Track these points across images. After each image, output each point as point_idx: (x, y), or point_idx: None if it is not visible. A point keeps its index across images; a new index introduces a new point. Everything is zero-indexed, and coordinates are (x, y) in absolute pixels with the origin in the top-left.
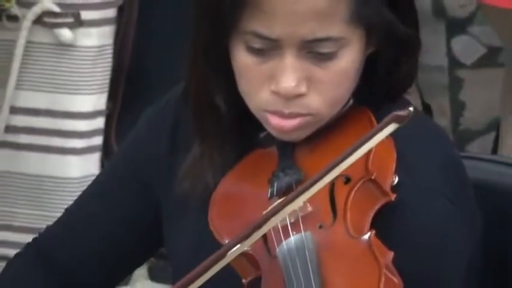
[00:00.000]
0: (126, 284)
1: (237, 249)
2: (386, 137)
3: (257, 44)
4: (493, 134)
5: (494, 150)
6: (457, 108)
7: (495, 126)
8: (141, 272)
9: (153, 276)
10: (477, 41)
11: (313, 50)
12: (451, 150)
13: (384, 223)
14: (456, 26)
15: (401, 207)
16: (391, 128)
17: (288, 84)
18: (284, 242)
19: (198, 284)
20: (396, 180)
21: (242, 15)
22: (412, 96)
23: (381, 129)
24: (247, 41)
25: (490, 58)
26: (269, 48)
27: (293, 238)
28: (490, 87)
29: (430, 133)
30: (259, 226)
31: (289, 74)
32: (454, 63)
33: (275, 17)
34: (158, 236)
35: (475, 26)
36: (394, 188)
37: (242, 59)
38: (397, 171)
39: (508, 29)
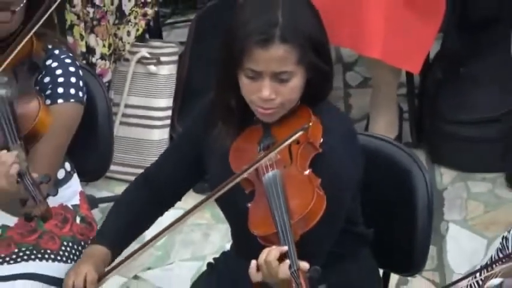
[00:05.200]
0: None
1: (242, 175)
2: (316, 120)
3: (250, 73)
4: (365, 121)
5: (366, 129)
6: (348, 108)
7: (367, 116)
8: None
9: (195, 189)
10: (359, 74)
11: (278, 77)
12: (350, 125)
13: (316, 164)
14: (347, 66)
15: (324, 155)
16: (302, 130)
17: (266, 94)
18: (266, 174)
19: (223, 191)
20: (321, 140)
21: (243, 60)
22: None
23: (301, 130)
24: (246, 72)
25: (365, 83)
26: (256, 76)
27: (271, 172)
28: (366, 96)
29: (340, 117)
30: (253, 165)
31: (266, 89)
32: (347, 86)
33: (259, 62)
34: (203, 169)
35: (357, 66)
36: (320, 145)
37: (243, 81)
38: (322, 136)
39: (372, 69)
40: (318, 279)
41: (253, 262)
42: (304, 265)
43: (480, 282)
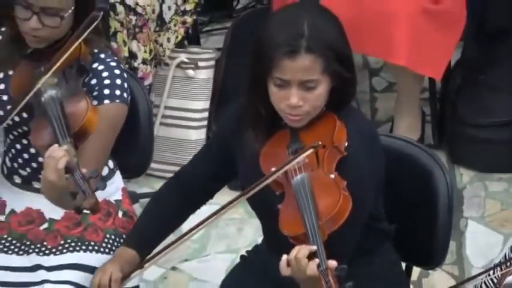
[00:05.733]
0: None
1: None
2: (341, 125)
3: (279, 82)
4: (390, 123)
5: (391, 131)
6: (373, 111)
7: (392, 119)
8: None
9: (230, 186)
10: (384, 80)
11: (305, 85)
12: (372, 129)
13: (341, 166)
14: (373, 72)
15: (348, 158)
16: (311, 149)
17: (294, 102)
18: (295, 177)
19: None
20: (346, 144)
21: (272, 70)
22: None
23: (312, 147)
24: (274, 81)
25: (390, 88)
26: (284, 84)
27: (299, 175)
28: (390, 100)
29: (363, 121)
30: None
31: (294, 97)
32: (373, 90)
33: (287, 72)
34: (233, 169)
35: (383, 72)
36: (345, 149)
37: (272, 89)
38: (347, 140)
39: (397, 75)
40: (345, 277)
41: (284, 257)
42: (333, 264)
43: (495, 280)
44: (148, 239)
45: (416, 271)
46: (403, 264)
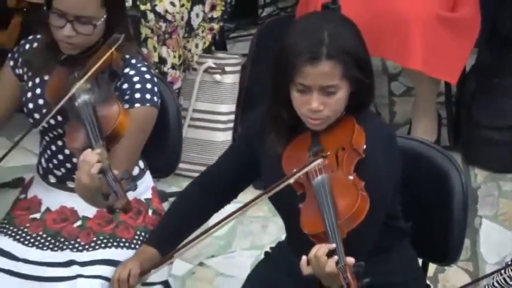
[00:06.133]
0: None
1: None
2: (359, 128)
3: (301, 88)
4: (407, 126)
5: (408, 133)
6: (392, 115)
7: (409, 121)
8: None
9: (255, 186)
10: (402, 84)
11: (326, 90)
12: (390, 132)
13: (360, 168)
14: (392, 76)
15: (367, 160)
16: (318, 160)
17: (315, 106)
18: (315, 178)
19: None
20: (364, 147)
21: (294, 76)
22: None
23: (321, 157)
24: (297, 86)
25: (408, 92)
26: (306, 90)
27: (320, 176)
28: (408, 104)
29: (381, 124)
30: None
31: (315, 102)
32: (391, 94)
33: (308, 77)
34: (257, 171)
35: (401, 76)
36: (364, 151)
37: (295, 94)
38: (365, 143)
39: (414, 80)
40: (362, 273)
41: (304, 258)
42: (351, 261)
43: (508, 280)
44: (168, 238)
45: (432, 267)
46: (420, 261)
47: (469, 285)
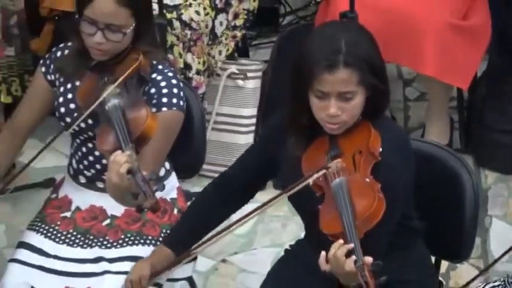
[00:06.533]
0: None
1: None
2: (375, 132)
3: (319, 94)
4: (421, 129)
5: (422, 136)
6: (406, 119)
7: (423, 125)
8: (269, 183)
9: (275, 186)
10: (416, 90)
11: (343, 96)
12: (404, 136)
13: (376, 171)
14: (407, 82)
15: (382, 163)
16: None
17: (333, 111)
18: (334, 180)
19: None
20: (380, 150)
21: (313, 83)
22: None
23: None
24: (315, 92)
25: (422, 97)
26: (324, 96)
27: (338, 179)
28: (422, 109)
29: (395, 128)
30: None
31: (333, 107)
32: (406, 99)
33: (326, 84)
34: (273, 172)
35: (415, 82)
36: (380, 154)
37: (313, 100)
38: (381, 146)
39: (428, 86)
40: (379, 272)
41: (323, 254)
42: (369, 260)
43: None
44: (183, 238)
45: (444, 264)
46: (433, 258)
47: (477, 277)
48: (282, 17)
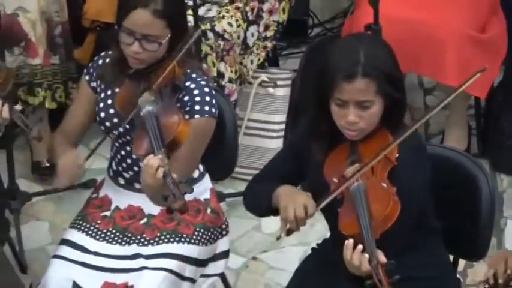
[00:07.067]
0: None
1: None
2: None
3: (339, 102)
4: (441, 136)
5: (441, 142)
6: (427, 125)
7: (443, 132)
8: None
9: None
10: (437, 98)
11: (361, 105)
12: (420, 141)
13: (393, 175)
14: (427, 91)
15: (399, 167)
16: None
17: (351, 119)
18: (353, 185)
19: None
20: (397, 155)
21: (333, 92)
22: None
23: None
24: (335, 101)
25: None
26: (343, 104)
27: (356, 183)
28: (442, 116)
29: (412, 135)
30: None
31: (351, 115)
32: (427, 107)
33: (345, 93)
34: (302, 174)
35: (436, 91)
36: (396, 159)
37: (333, 108)
38: (398, 152)
39: (448, 94)
40: (393, 271)
41: (350, 241)
42: (382, 259)
43: None
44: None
45: (462, 263)
46: (451, 257)
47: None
48: (310, 28)
